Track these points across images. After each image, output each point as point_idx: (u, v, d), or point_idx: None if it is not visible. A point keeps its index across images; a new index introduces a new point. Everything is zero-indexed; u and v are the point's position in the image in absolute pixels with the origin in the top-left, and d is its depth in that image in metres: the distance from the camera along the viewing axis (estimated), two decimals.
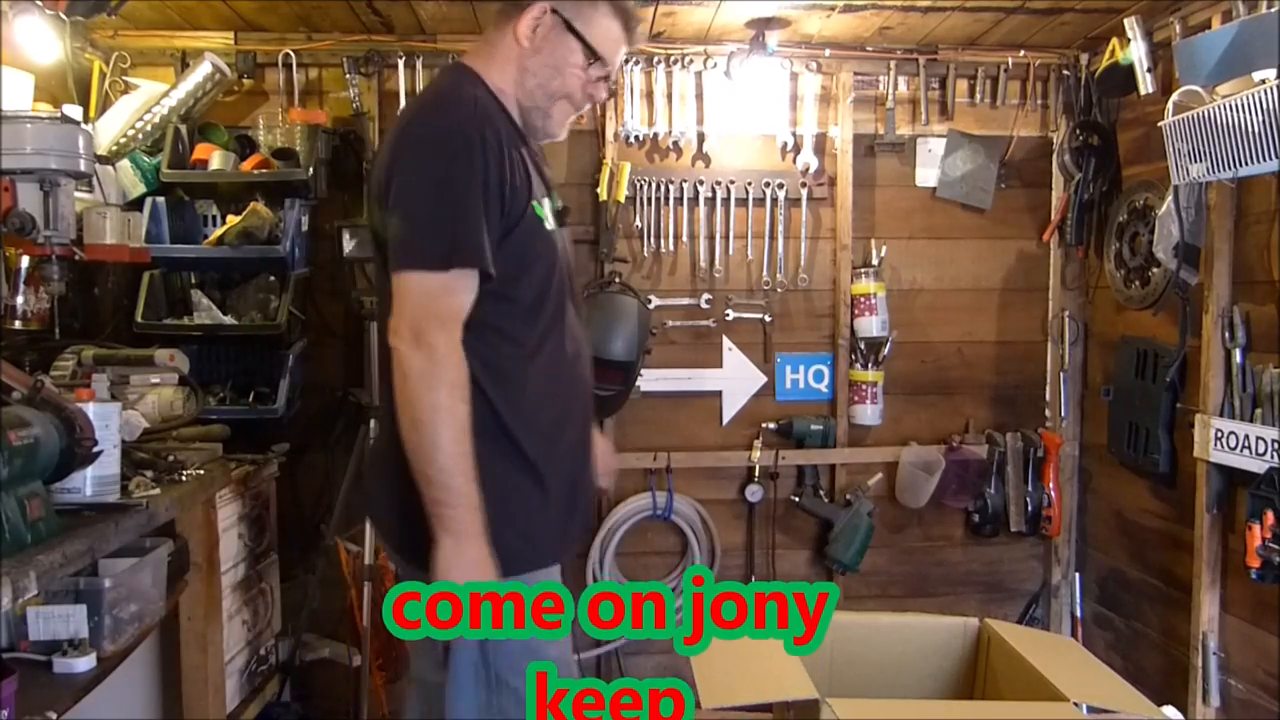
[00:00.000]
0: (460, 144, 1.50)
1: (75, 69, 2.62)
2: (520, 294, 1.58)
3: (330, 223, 2.85)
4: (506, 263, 1.54)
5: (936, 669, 1.59)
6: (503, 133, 1.56)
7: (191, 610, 2.25)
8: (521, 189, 1.57)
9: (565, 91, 1.65)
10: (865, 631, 1.60)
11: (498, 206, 1.52)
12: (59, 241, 2.02)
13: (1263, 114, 2.05)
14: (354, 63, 2.92)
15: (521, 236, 1.56)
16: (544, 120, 1.67)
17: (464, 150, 1.50)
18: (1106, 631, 3.10)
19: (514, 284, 1.56)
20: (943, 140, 3.15)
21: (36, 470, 1.60)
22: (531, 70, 1.64)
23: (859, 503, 3.11)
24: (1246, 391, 2.38)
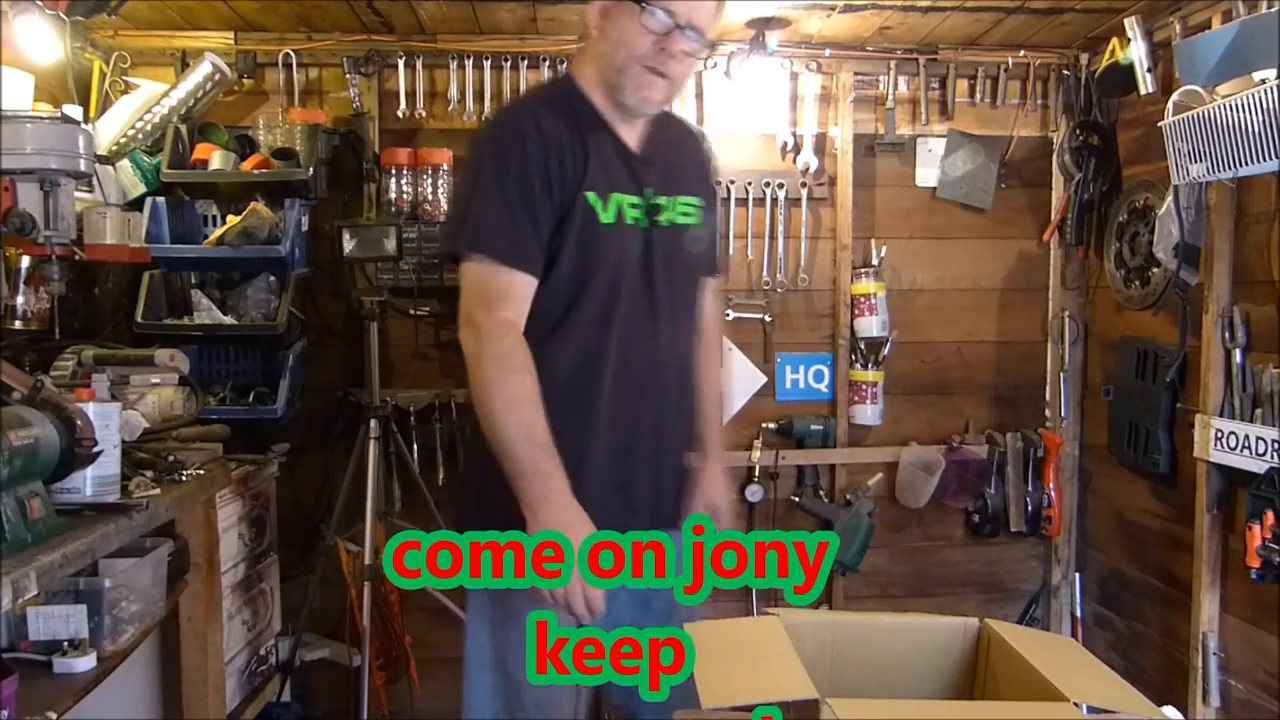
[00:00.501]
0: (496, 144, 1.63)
1: (75, 69, 2.62)
2: (555, 277, 1.63)
3: (330, 223, 2.84)
4: (550, 246, 1.61)
5: (936, 669, 1.59)
6: (549, 128, 1.61)
7: (191, 610, 2.25)
8: (570, 178, 1.61)
9: (633, 56, 1.61)
10: (865, 631, 1.60)
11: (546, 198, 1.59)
12: (59, 241, 2.02)
13: (1263, 114, 2.05)
14: (354, 63, 2.92)
15: (567, 226, 1.61)
16: (626, 95, 1.65)
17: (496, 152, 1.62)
18: (1106, 631, 3.10)
19: (551, 266, 1.62)
20: (943, 140, 3.15)
21: (36, 470, 1.59)
22: (604, 53, 1.66)
23: (859, 503, 3.11)
24: (1246, 391, 2.38)
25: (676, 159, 1.78)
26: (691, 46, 1.63)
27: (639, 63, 1.62)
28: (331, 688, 3.02)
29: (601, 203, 1.64)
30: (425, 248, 2.93)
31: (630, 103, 1.66)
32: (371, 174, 2.95)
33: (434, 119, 3.01)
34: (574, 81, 1.71)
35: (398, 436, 2.83)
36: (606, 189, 1.65)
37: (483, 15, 2.79)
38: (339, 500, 2.72)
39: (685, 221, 1.74)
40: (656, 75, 1.63)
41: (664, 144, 1.76)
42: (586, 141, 1.64)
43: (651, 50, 1.61)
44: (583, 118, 1.66)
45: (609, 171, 1.66)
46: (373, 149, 2.95)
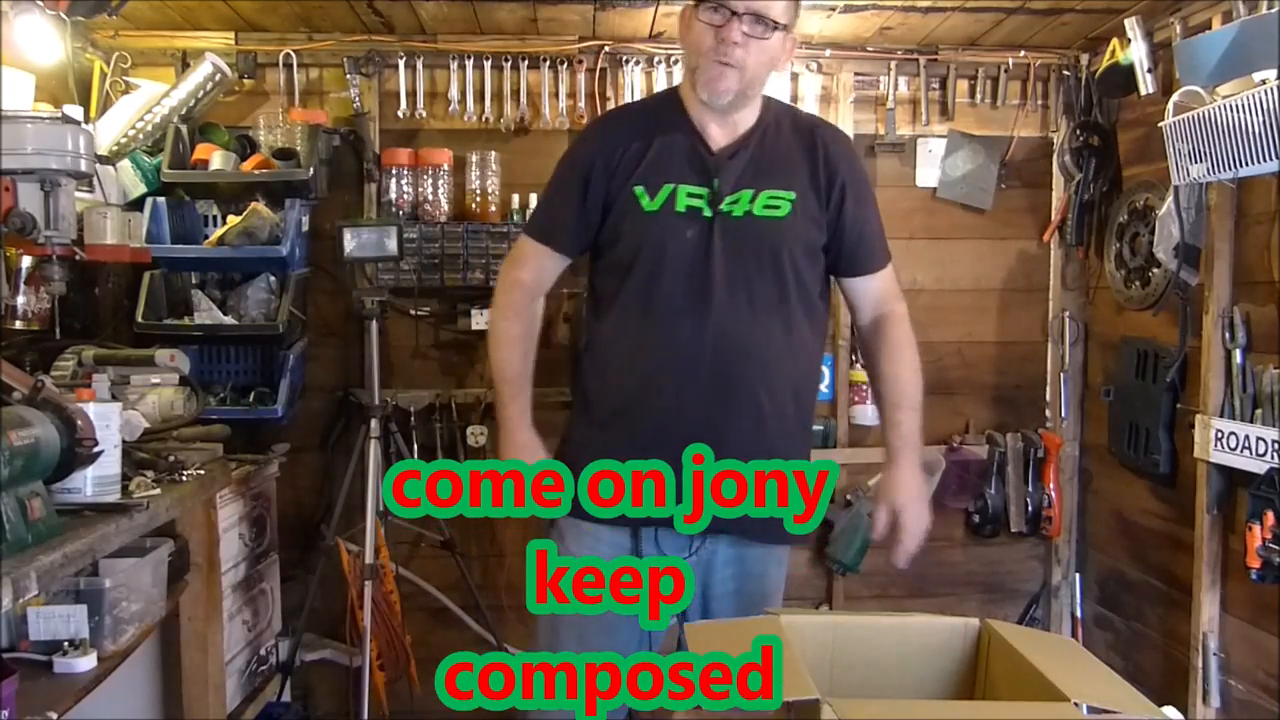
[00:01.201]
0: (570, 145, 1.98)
1: (76, 69, 2.62)
2: (605, 259, 1.86)
3: (330, 223, 2.84)
4: (604, 233, 1.83)
5: (937, 669, 1.59)
6: (610, 131, 1.86)
7: (192, 610, 2.25)
8: (620, 174, 1.79)
9: (700, 53, 1.72)
10: (865, 632, 1.60)
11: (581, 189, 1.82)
12: (59, 241, 2.02)
13: (1263, 114, 2.05)
14: (354, 63, 2.92)
15: (614, 214, 1.81)
16: (700, 90, 1.75)
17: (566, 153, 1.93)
18: (1106, 632, 3.10)
19: (605, 250, 1.85)
20: (943, 140, 3.15)
21: (37, 470, 1.60)
22: (685, 59, 1.83)
23: (859, 503, 3.11)
24: (1247, 392, 2.38)
25: (777, 153, 1.82)
26: (753, 29, 1.68)
27: (705, 57, 1.71)
28: (331, 688, 3.02)
29: (649, 194, 1.77)
30: (426, 248, 2.93)
31: (704, 97, 1.75)
32: (372, 174, 2.95)
33: (434, 119, 3.01)
34: (677, 88, 1.89)
35: (398, 436, 2.83)
36: (661, 180, 1.77)
37: (483, 15, 2.79)
38: (339, 500, 2.72)
39: (768, 214, 1.79)
40: (723, 65, 1.70)
41: (766, 139, 1.82)
42: (654, 140, 1.79)
43: (714, 43, 1.69)
44: (664, 121, 1.82)
45: (670, 165, 1.78)
46: (373, 149, 2.95)
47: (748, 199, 1.77)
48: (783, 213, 1.78)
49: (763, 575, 1.91)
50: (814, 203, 1.82)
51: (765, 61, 1.74)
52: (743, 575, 1.88)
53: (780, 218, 1.78)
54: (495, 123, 3.00)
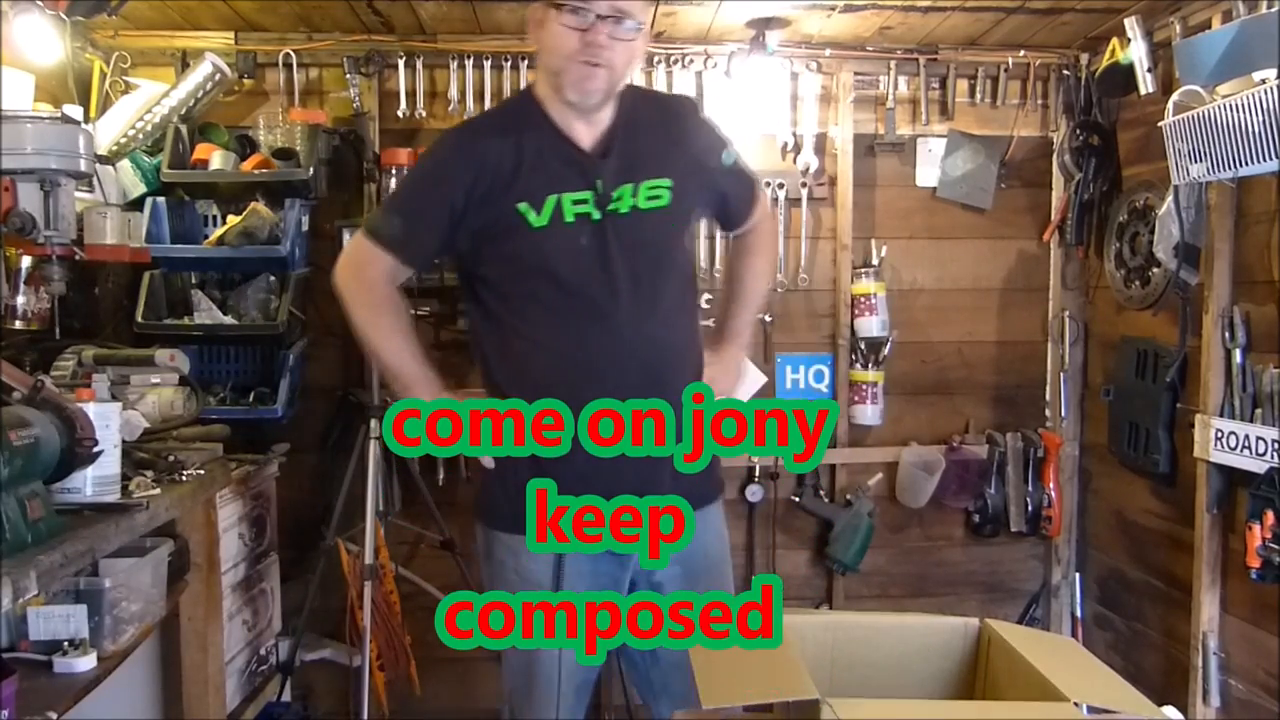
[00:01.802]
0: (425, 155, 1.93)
1: (76, 69, 2.62)
2: (494, 276, 1.80)
3: (330, 223, 2.84)
4: (487, 252, 1.78)
5: (937, 669, 1.59)
6: (475, 150, 1.75)
7: (191, 610, 2.25)
8: (496, 194, 1.73)
9: (564, 56, 1.68)
10: (865, 632, 1.60)
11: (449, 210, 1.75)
12: (59, 241, 2.02)
13: (1263, 114, 2.05)
14: (354, 63, 2.92)
15: (498, 234, 1.75)
16: (567, 93, 1.72)
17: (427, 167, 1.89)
18: (1106, 631, 3.10)
19: (492, 267, 1.79)
20: (943, 140, 3.15)
21: (37, 470, 1.60)
22: (543, 61, 1.76)
23: (859, 503, 3.11)
24: (1246, 391, 2.38)
25: (644, 143, 1.81)
26: (620, 31, 1.67)
27: (571, 60, 1.68)
28: (331, 688, 3.02)
29: (534, 209, 1.73)
30: None
31: (573, 99, 1.72)
32: (372, 174, 2.95)
33: (434, 119, 3.01)
34: (531, 92, 1.82)
35: None
36: (544, 192, 1.73)
37: (483, 15, 2.79)
38: (339, 500, 2.72)
39: (652, 205, 1.78)
40: (592, 66, 1.68)
41: (630, 130, 1.80)
42: (523, 154, 1.74)
43: (579, 46, 1.67)
44: (528, 129, 1.76)
45: (548, 175, 1.74)
46: (373, 149, 2.94)
47: (629, 193, 1.77)
48: (664, 201, 1.79)
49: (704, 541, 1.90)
50: (687, 183, 1.84)
51: (629, 60, 1.74)
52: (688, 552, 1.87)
53: (664, 206, 1.79)
54: None
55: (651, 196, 1.78)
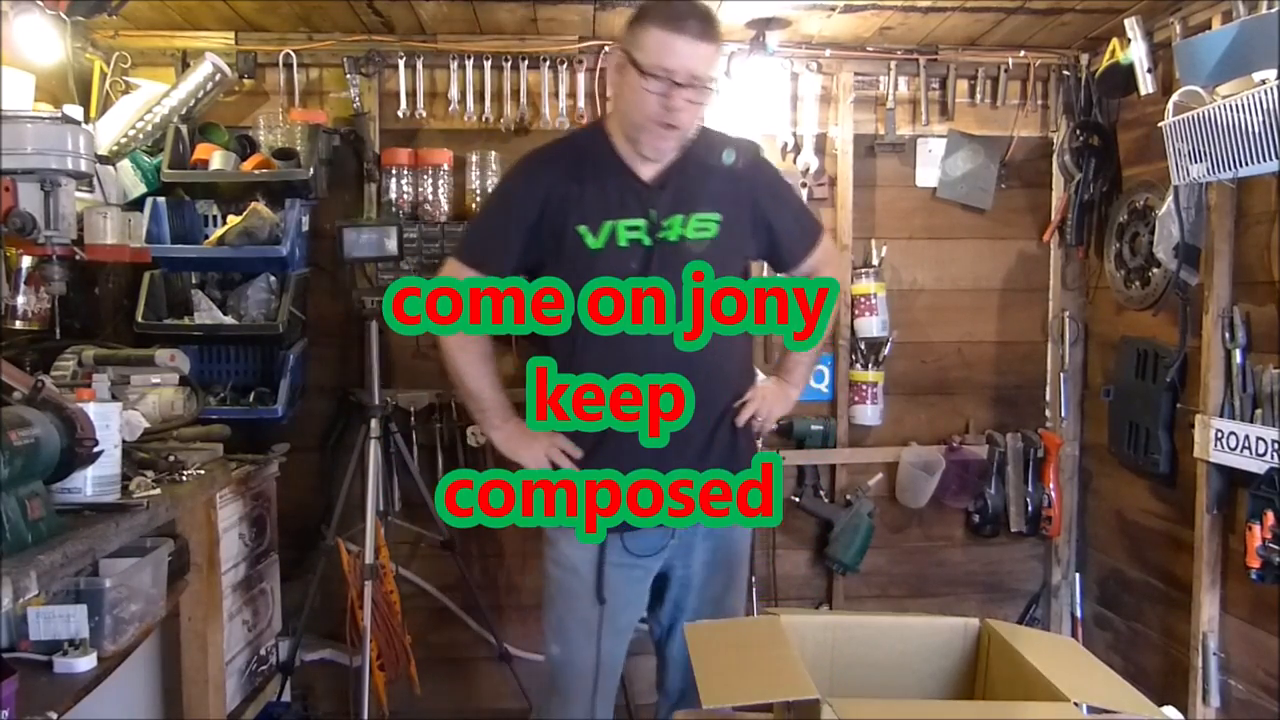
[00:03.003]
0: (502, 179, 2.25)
1: (76, 69, 2.62)
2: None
3: (330, 223, 2.84)
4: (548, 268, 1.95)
5: (937, 669, 1.59)
6: (544, 176, 1.94)
7: (192, 610, 2.25)
8: (558, 216, 1.91)
9: (646, 117, 1.84)
10: (865, 632, 1.60)
11: (527, 225, 1.94)
12: (59, 241, 2.02)
13: (1263, 114, 2.05)
14: (354, 63, 2.92)
15: (560, 251, 1.93)
16: (644, 149, 1.91)
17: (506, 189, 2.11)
18: (1106, 632, 3.10)
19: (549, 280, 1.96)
20: (943, 140, 3.15)
21: (37, 470, 1.60)
22: (622, 111, 1.92)
23: (859, 503, 3.11)
24: (1246, 392, 2.38)
25: (700, 178, 1.96)
26: (695, 95, 1.83)
27: (650, 121, 1.84)
28: (331, 688, 3.02)
29: (592, 232, 1.90)
30: (426, 248, 2.93)
31: (648, 155, 1.92)
32: (372, 174, 2.95)
33: (434, 119, 3.01)
34: (602, 127, 1.99)
35: (398, 437, 2.83)
36: (601, 218, 1.91)
37: (483, 15, 2.79)
38: (339, 500, 2.72)
39: (699, 236, 1.93)
40: (667, 128, 1.85)
41: (689, 167, 1.96)
42: (586, 182, 1.92)
43: (659, 109, 1.82)
44: (594, 160, 1.94)
45: (607, 202, 1.92)
46: (373, 149, 2.95)
47: (679, 224, 1.92)
48: (711, 233, 1.94)
49: (731, 538, 2.11)
50: (738, 219, 1.99)
51: (699, 115, 1.91)
52: (716, 546, 2.08)
53: (711, 238, 1.94)
54: (495, 123, 3.00)
55: (700, 228, 1.93)
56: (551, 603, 2.07)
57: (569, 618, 2.03)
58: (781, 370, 2.19)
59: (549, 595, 2.07)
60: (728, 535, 2.10)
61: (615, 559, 1.98)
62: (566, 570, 2.02)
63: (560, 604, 2.05)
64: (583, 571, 1.99)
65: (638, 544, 1.98)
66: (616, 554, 1.98)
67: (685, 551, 2.05)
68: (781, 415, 2.17)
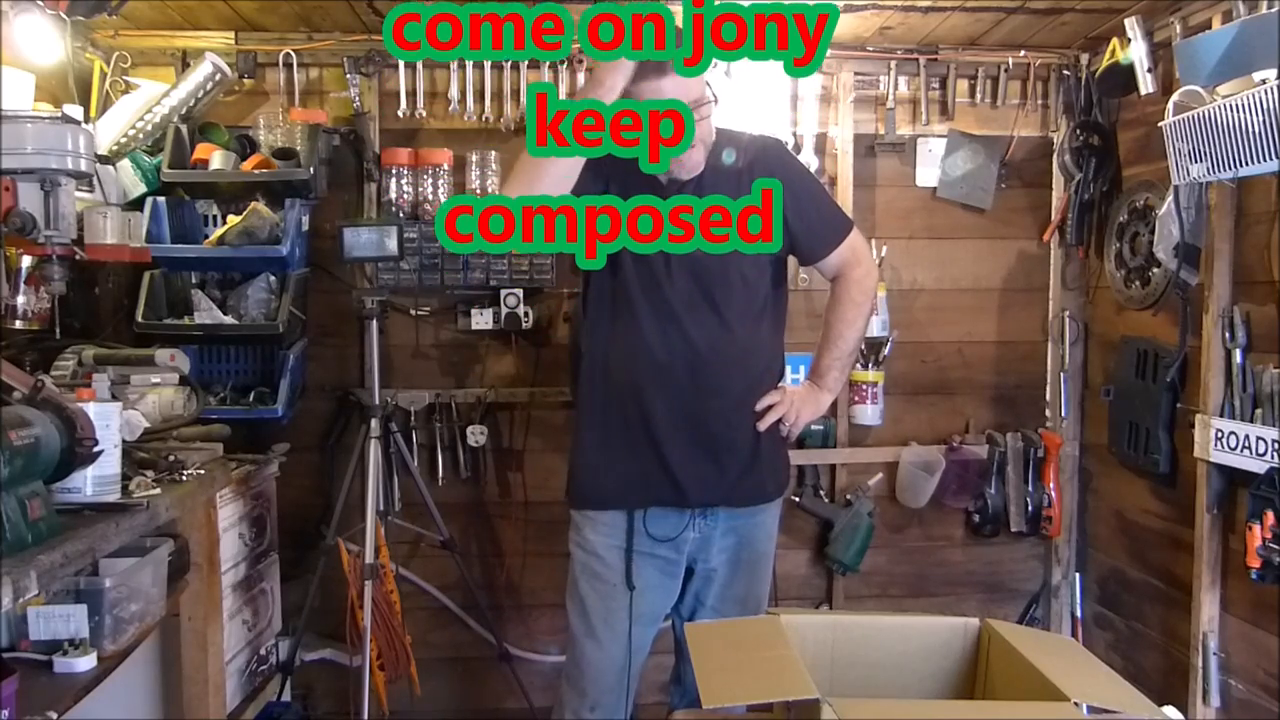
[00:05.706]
0: None
1: (76, 69, 2.62)
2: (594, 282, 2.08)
3: (330, 223, 2.85)
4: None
5: (937, 669, 1.59)
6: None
7: (192, 610, 2.25)
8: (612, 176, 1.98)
9: None
10: (865, 631, 1.60)
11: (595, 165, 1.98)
12: (59, 241, 2.02)
13: (1263, 114, 2.05)
14: (354, 63, 2.92)
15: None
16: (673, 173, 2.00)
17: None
18: (1106, 631, 3.10)
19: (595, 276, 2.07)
20: (943, 140, 3.15)
21: (37, 470, 1.60)
22: None
23: (859, 503, 3.11)
24: (1246, 391, 2.38)
25: (718, 176, 2.03)
26: (699, 113, 1.93)
27: None
28: (331, 688, 3.02)
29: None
30: (426, 247, 2.93)
31: (682, 176, 2.00)
32: (372, 174, 2.95)
33: (434, 119, 3.01)
34: None
35: (398, 436, 2.83)
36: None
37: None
38: (339, 500, 2.72)
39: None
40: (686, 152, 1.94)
41: (708, 163, 2.02)
42: (612, 178, 2.01)
43: None
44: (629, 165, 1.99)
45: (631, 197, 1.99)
46: (373, 149, 2.95)
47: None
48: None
49: (754, 539, 2.15)
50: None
51: (710, 126, 1.99)
52: (738, 543, 2.13)
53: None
54: (495, 123, 3.00)
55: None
56: (577, 589, 2.12)
57: (598, 605, 2.09)
58: (814, 373, 2.19)
59: (576, 585, 2.11)
60: (750, 534, 2.14)
61: (641, 547, 2.05)
62: (591, 555, 2.08)
63: (587, 589, 2.10)
64: (609, 559, 2.06)
65: (658, 527, 2.05)
66: (643, 543, 2.05)
67: (705, 545, 2.11)
68: (811, 420, 2.17)
